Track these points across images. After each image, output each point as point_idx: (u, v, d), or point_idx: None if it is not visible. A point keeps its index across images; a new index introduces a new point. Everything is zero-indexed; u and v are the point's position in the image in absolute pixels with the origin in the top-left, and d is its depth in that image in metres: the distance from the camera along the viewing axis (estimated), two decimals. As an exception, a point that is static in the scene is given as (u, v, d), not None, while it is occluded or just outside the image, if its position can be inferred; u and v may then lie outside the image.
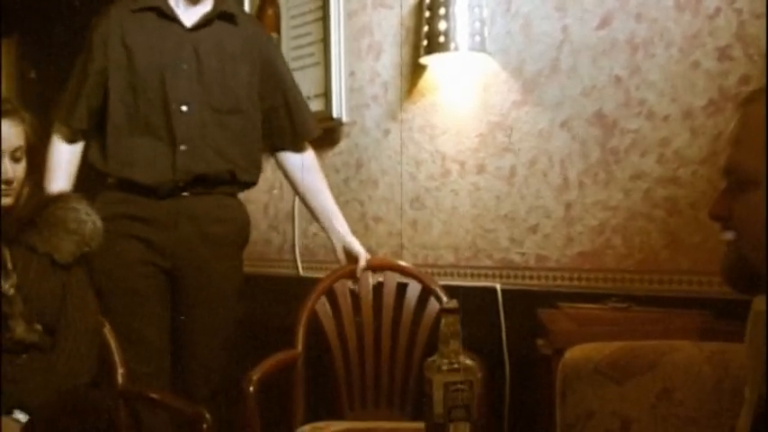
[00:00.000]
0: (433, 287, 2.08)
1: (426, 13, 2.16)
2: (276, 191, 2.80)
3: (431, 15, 2.14)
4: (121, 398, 1.77)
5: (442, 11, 2.11)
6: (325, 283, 2.13)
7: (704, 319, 1.59)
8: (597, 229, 1.96)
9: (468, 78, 2.21)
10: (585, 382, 1.31)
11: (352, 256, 2.14)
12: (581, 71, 1.98)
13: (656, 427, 1.24)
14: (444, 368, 1.17)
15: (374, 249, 2.37)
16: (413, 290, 2.10)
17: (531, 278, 2.09)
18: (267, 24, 2.68)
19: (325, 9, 2.54)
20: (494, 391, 2.04)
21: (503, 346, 2.10)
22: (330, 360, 2.09)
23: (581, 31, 1.98)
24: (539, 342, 1.70)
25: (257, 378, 1.80)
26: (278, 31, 2.72)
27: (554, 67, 2.03)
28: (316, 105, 2.54)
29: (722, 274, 0.96)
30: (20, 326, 1.61)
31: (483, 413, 1.77)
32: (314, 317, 2.08)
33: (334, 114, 2.53)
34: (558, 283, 2.03)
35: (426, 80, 2.32)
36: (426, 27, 2.15)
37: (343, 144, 2.58)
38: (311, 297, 2.09)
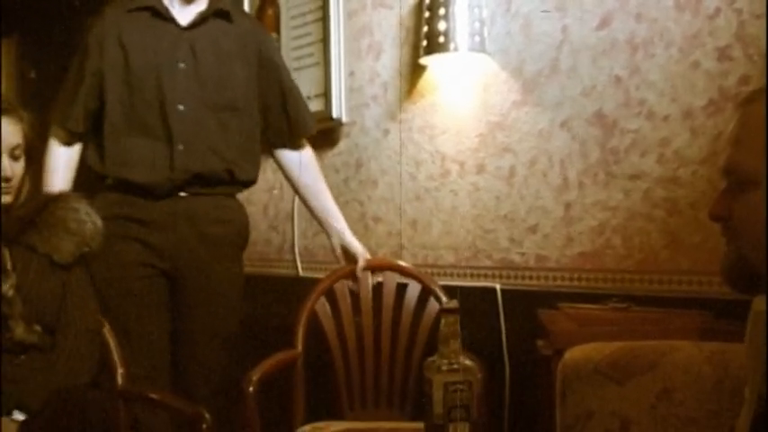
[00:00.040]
0: (433, 287, 2.08)
1: (426, 14, 2.16)
2: (276, 191, 2.80)
3: (430, 15, 2.14)
4: (121, 398, 1.76)
5: (441, 11, 2.11)
6: (325, 283, 2.13)
7: (704, 320, 1.59)
8: (597, 230, 1.96)
9: (468, 78, 2.21)
10: (585, 383, 1.31)
11: (351, 256, 2.14)
12: (581, 71, 1.98)
13: (655, 427, 1.24)
14: (444, 368, 1.17)
15: (374, 249, 2.37)
16: (412, 290, 2.10)
17: (531, 278, 2.09)
18: (267, 24, 2.68)
19: (324, 9, 2.54)
20: (494, 392, 2.04)
21: (502, 346, 2.10)
22: (330, 360, 2.09)
23: (581, 32, 1.98)
24: (538, 342, 1.70)
25: (257, 378, 1.80)
26: (278, 31, 2.72)
27: (554, 68, 2.03)
28: (315, 105, 2.54)
29: (722, 274, 0.96)
30: (19, 327, 1.61)
31: (483, 413, 1.77)
32: (314, 317, 2.08)
33: (334, 114, 2.53)
34: (558, 283, 2.03)
35: (426, 80, 2.32)
36: (426, 27, 2.15)
37: (342, 144, 2.58)
38: (311, 297, 2.09)
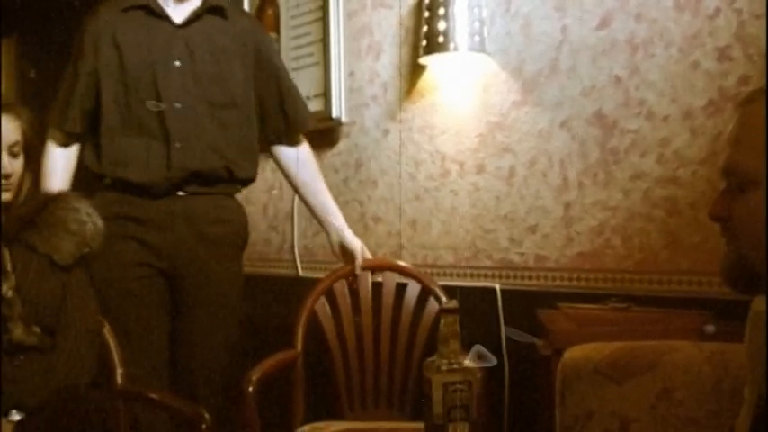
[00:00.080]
0: (433, 287, 2.08)
1: (426, 14, 2.16)
2: (276, 191, 2.80)
3: (430, 15, 2.14)
4: (121, 398, 1.76)
5: (441, 11, 2.10)
6: (325, 283, 2.13)
7: (704, 320, 1.59)
8: (597, 230, 1.96)
9: (468, 78, 2.21)
10: (585, 383, 1.31)
11: (349, 253, 2.14)
12: (580, 71, 1.98)
13: (655, 427, 1.24)
14: (443, 368, 1.17)
15: (373, 249, 2.36)
16: (412, 290, 2.10)
17: (531, 278, 2.09)
18: (267, 24, 2.68)
19: (324, 9, 2.54)
20: (493, 392, 2.04)
21: (502, 346, 2.10)
22: (330, 360, 2.09)
23: (580, 32, 1.98)
24: (538, 342, 1.70)
25: (257, 378, 1.79)
26: (277, 31, 2.72)
27: (553, 68, 2.03)
28: (315, 105, 2.54)
29: (722, 275, 0.96)
30: (18, 328, 1.60)
31: (482, 413, 1.77)
32: (313, 317, 2.08)
33: (334, 114, 2.53)
34: (558, 283, 2.03)
35: (426, 80, 2.32)
36: (426, 27, 2.15)
37: (342, 144, 2.58)
38: (311, 297, 2.09)
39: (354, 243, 2.13)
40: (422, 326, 2.05)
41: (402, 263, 2.21)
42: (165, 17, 1.97)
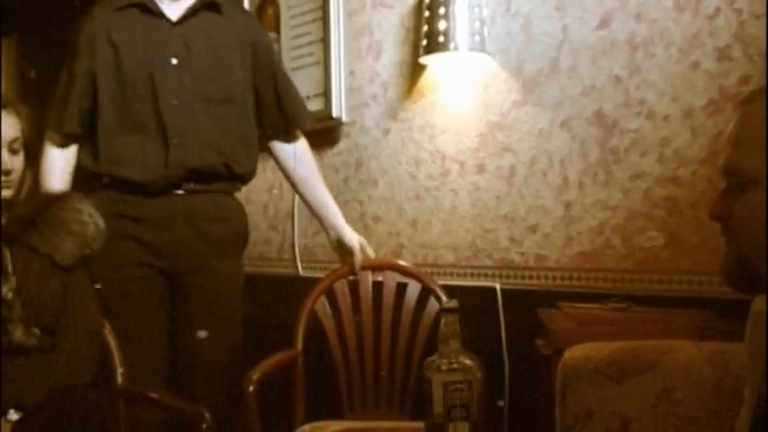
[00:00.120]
0: (433, 287, 2.08)
1: (426, 13, 2.16)
2: (276, 191, 2.80)
3: (430, 15, 2.14)
4: (121, 398, 1.76)
5: (441, 10, 2.10)
6: (325, 282, 2.13)
7: (704, 319, 1.59)
8: (597, 229, 1.96)
9: (468, 78, 2.21)
10: (585, 382, 1.31)
11: (347, 249, 2.13)
12: (581, 71, 1.98)
13: (655, 426, 1.24)
14: (444, 368, 1.18)
15: (374, 249, 2.35)
16: (412, 289, 2.10)
17: (531, 278, 2.09)
18: (267, 24, 2.68)
19: (324, 9, 2.54)
20: (493, 391, 2.04)
21: (502, 345, 2.10)
22: (330, 360, 2.09)
23: (581, 31, 1.98)
24: (538, 342, 1.70)
25: (257, 378, 1.79)
26: (278, 30, 2.72)
27: (554, 67, 2.03)
28: (315, 105, 2.54)
29: (722, 274, 0.96)
30: (18, 330, 1.60)
31: (482, 413, 1.77)
32: (314, 317, 2.08)
33: (334, 114, 2.53)
34: (558, 282, 2.03)
35: (426, 80, 2.32)
36: (426, 27, 2.15)
37: (342, 144, 2.58)
38: (311, 297, 2.09)
39: (352, 240, 2.12)
40: (422, 325, 2.05)
41: (402, 262, 2.22)
42: (161, 15, 1.96)
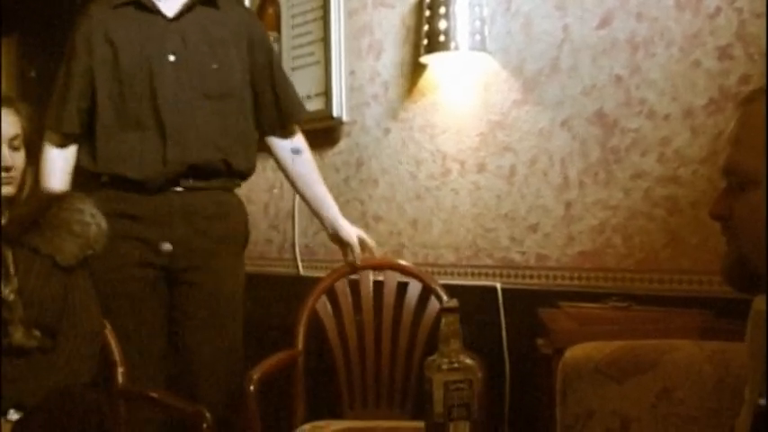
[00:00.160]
0: (434, 286, 2.08)
1: (427, 12, 2.16)
2: (276, 190, 2.80)
3: (431, 14, 2.14)
4: (121, 398, 1.76)
5: (442, 10, 2.10)
6: (326, 282, 2.13)
7: (705, 319, 1.59)
8: (597, 229, 1.96)
9: (469, 77, 2.21)
10: (586, 382, 1.31)
11: (346, 244, 2.12)
12: (581, 70, 1.98)
13: (656, 426, 1.24)
14: (444, 367, 1.18)
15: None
16: (413, 289, 2.10)
17: (532, 277, 2.09)
18: (267, 23, 2.68)
19: (325, 8, 2.54)
20: (494, 391, 2.04)
21: (503, 345, 2.10)
22: (330, 359, 2.09)
23: (581, 31, 1.98)
24: (539, 341, 1.70)
25: (258, 377, 1.80)
26: (278, 30, 2.72)
27: (554, 67, 2.03)
28: (316, 104, 2.54)
29: (722, 274, 0.97)
30: (18, 331, 1.59)
31: (483, 412, 1.77)
32: (314, 316, 2.08)
33: (335, 113, 2.53)
34: (559, 282, 2.03)
35: (427, 79, 2.32)
36: (427, 26, 2.15)
37: (343, 143, 2.58)
38: (312, 296, 2.10)
39: (350, 234, 2.10)
40: (423, 325, 2.05)
41: (403, 262, 2.21)
42: (157, 11, 1.96)
